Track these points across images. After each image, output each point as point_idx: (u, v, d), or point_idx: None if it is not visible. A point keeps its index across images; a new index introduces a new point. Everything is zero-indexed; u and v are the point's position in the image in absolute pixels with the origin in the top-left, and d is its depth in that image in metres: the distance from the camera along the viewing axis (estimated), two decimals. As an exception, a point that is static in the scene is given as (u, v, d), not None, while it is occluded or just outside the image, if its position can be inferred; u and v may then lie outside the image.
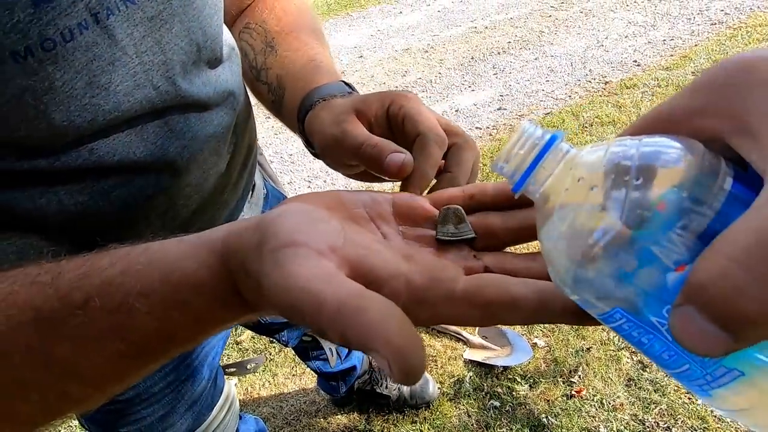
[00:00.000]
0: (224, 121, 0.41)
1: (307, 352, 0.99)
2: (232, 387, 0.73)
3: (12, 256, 0.32)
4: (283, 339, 0.84)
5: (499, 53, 2.92)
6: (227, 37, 0.43)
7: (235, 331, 1.44)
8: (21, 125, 0.28)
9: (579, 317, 0.19)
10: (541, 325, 1.38)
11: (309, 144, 0.39)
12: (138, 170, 0.35)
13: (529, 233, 0.26)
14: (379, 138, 0.31)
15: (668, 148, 0.17)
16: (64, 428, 1.23)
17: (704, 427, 1.11)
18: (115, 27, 0.30)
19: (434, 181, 0.31)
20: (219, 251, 0.22)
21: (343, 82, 0.39)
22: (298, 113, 0.38)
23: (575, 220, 0.18)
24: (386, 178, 0.30)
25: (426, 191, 0.30)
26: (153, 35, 0.33)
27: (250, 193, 0.55)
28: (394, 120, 0.32)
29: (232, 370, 0.79)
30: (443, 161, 0.32)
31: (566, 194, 0.20)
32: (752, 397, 0.16)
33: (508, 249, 0.27)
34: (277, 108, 0.43)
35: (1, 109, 0.27)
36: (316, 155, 0.38)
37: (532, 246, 0.26)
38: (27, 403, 0.23)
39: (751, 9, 2.95)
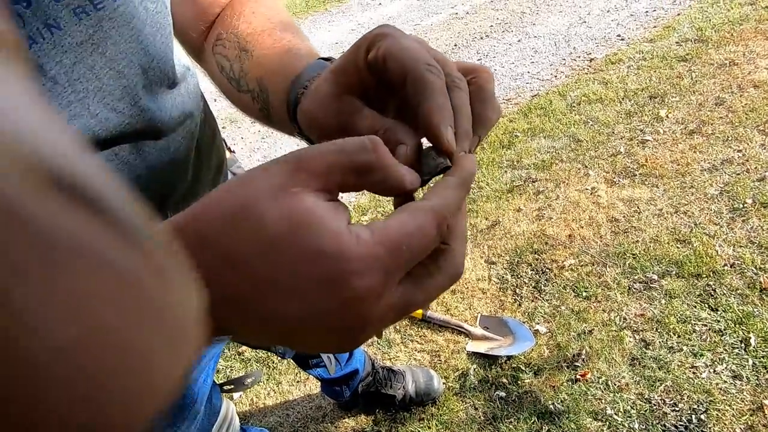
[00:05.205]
0: (183, 146, 0.40)
1: (305, 360, 0.98)
2: (231, 406, 0.72)
3: None
4: (279, 351, 0.83)
5: (482, 38, 2.89)
6: (180, 56, 0.42)
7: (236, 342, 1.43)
8: None
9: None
10: (542, 311, 1.37)
11: (312, 143, 0.35)
12: None
13: None
14: (384, 123, 0.27)
15: None
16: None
17: (710, 401, 1.11)
18: (41, 57, 0.29)
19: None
20: None
21: (322, 58, 0.35)
22: (288, 113, 0.35)
23: None
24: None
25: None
26: (84, 62, 0.31)
27: None
28: (375, 67, 0.27)
29: (230, 387, 0.78)
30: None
31: None
32: None
33: None
34: (266, 115, 0.40)
35: None
36: None
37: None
38: None
39: (732, -28, 2.91)
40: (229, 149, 0.70)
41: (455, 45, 2.88)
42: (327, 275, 0.19)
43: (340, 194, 0.22)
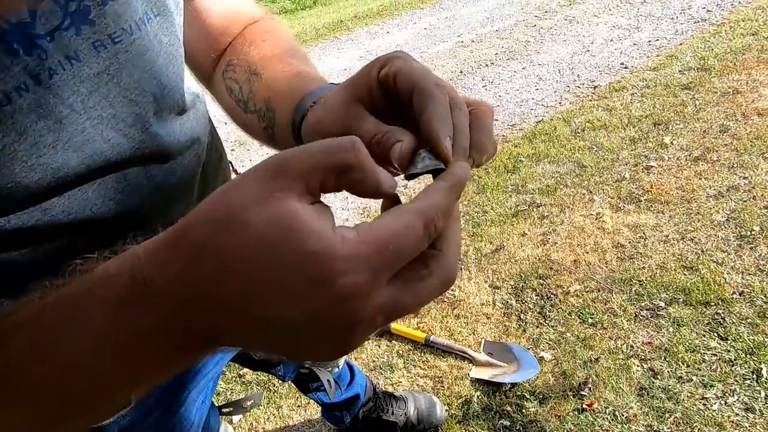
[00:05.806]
0: (189, 169, 0.41)
1: (306, 384, 0.97)
2: (229, 429, 0.71)
3: None
4: (280, 373, 0.83)
5: (487, 65, 2.94)
6: (190, 84, 0.43)
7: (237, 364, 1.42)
8: None
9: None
10: (547, 338, 1.35)
11: None
12: (96, 226, 0.34)
13: None
14: (385, 128, 0.28)
15: None
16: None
17: (722, 434, 1.08)
18: (60, 86, 0.30)
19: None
20: None
21: (333, 84, 0.37)
22: (293, 129, 0.36)
23: None
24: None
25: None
26: (100, 90, 0.33)
27: None
28: (386, 84, 0.29)
29: (229, 409, 0.78)
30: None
31: None
32: None
33: None
34: (270, 134, 0.41)
35: None
36: None
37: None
38: None
39: (732, 5, 2.97)
40: (235, 171, 0.71)
41: (461, 72, 2.94)
42: (314, 275, 0.19)
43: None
